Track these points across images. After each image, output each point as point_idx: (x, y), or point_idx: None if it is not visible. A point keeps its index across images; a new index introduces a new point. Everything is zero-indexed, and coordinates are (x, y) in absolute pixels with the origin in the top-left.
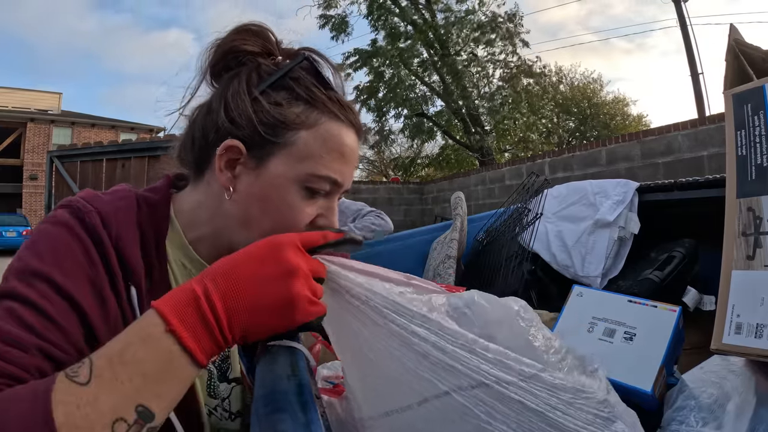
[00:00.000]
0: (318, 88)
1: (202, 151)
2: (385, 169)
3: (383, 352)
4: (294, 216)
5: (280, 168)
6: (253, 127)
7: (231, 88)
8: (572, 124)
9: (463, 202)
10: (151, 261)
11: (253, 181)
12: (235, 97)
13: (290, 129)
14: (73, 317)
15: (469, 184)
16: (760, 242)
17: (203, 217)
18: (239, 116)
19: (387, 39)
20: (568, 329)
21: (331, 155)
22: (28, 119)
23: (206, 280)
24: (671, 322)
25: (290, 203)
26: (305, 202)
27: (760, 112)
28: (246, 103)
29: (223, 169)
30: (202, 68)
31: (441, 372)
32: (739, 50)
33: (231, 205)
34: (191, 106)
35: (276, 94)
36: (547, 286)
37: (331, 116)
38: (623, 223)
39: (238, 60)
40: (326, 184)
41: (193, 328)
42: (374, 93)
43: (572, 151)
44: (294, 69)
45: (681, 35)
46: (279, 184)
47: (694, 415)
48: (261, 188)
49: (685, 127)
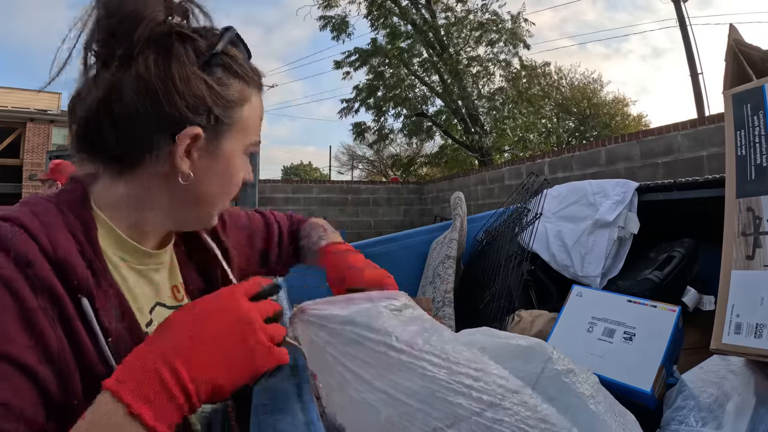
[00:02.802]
0: (246, 62)
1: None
2: (385, 169)
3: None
4: (239, 179)
5: (232, 145)
6: (208, 110)
7: (175, 66)
8: (572, 124)
9: (463, 202)
10: (92, 264)
11: (211, 162)
12: (186, 80)
13: (235, 107)
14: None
15: (469, 184)
16: (760, 242)
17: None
18: (194, 99)
19: (387, 39)
20: (567, 329)
21: (259, 123)
22: (28, 119)
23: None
24: (671, 322)
25: (237, 170)
26: (244, 164)
27: (760, 112)
28: (198, 83)
29: (182, 158)
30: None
31: None
32: (739, 50)
33: (183, 187)
34: None
35: (215, 72)
36: (547, 286)
37: (256, 87)
38: (623, 223)
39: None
40: (258, 146)
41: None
42: (374, 92)
43: (572, 151)
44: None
45: (680, 35)
46: (231, 159)
47: (693, 414)
48: (218, 167)
49: (684, 127)
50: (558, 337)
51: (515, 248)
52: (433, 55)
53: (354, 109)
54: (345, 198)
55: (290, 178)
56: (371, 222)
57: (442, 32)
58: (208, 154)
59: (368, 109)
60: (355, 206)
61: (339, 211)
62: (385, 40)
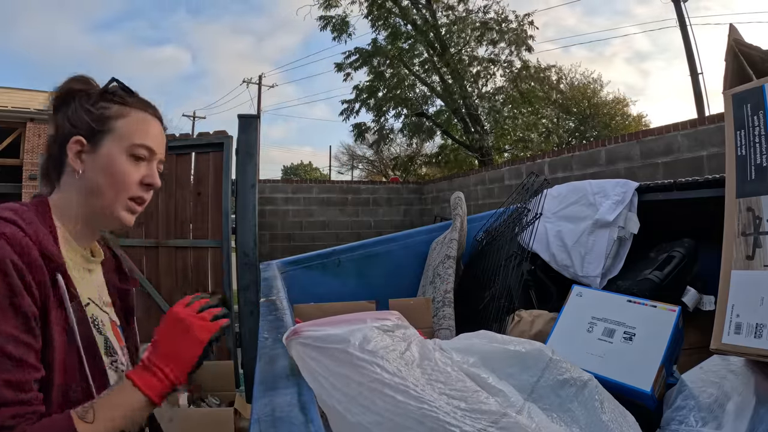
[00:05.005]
0: (127, 95)
1: (59, 159)
2: (385, 169)
3: None
4: (126, 178)
5: (110, 147)
6: (88, 125)
7: (70, 109)
8: (572, 124)
9: (463, 202)
10: (61, 257)
11: (94, 160)
12: (74, 111)
13: (112, 120)
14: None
15: (469, 184)
16: (760, 242)
17: (69, 205)
18: (78, 122)
19: (387, 39)
20: (567, 329)
21: (143, 132)
22: (28, 119)
23: (156, 360)
24: (671, 322)
25: (122, 169)
26: (132, 166)
27: (760, 112)
28: (81, 112)
29: (73, 159)
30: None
31: None
32: (739, 50)
33: (82, 183)
34: None
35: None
36: (547, 286)
37: (138, 109)
38: (623, 223)
39: (71, 95)
40: (144, 150)
41: (157, 392)
42: (374, 93)
43: (572, 151)
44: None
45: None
46: (112, 158)
47: (693, 414)
48: (100, 163)
49: (684, 127)
50: (558, 337)
51: (515, 248)
52: (433, 55)
53: (355, 110)
54: (345, 198)
55: (290, 178)
56: (371, 222)
57: (443, 31)
58: (92, 154)
59: (369, 109)
60: (355, 206)
61: (339, 211)
62: (386, 41)
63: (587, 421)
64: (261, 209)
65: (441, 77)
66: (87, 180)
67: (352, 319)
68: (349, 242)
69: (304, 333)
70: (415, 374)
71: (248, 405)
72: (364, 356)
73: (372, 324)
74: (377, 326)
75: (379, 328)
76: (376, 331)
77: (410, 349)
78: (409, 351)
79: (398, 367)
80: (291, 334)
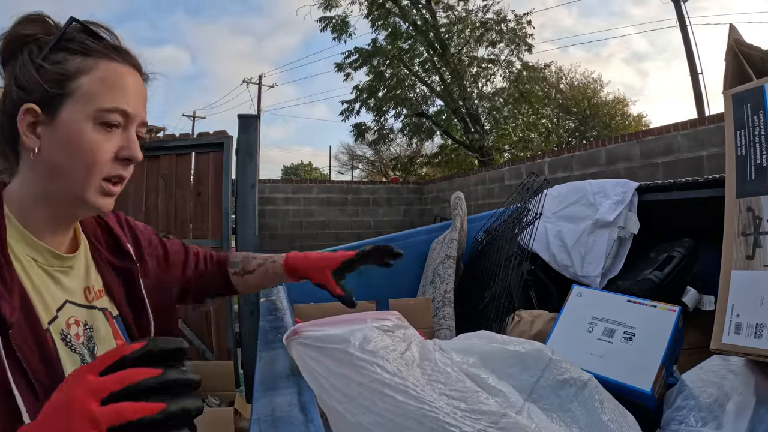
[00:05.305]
0: (90, 40)
1: (12, 132)
2: (385, 169)
3: None
4: (95, 152)
5: (72, 114)
6: (41, 87)
7: (17, 65)
8: (572, 124)
9: (463, 202)
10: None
11: (52, 132)
12: (22, 69)
13: (71, 79)
14: None
15: (469, 184)
16: (760, 242)
17: (29, 194)
18: (28, 83)
19: (387, 39)
20: (567, 329)
21: (114, 90)
22: None
23: None
24: (671, 322)
25: (89, 140)
26: (103, 136)
27: (760, 112)
28: (31, 70)
29: (27, 134)
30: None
31: None
32: (739, 50)
33: (41, 163)
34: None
35: (55, 55)
36: (547, 286)
37: (106, 59)
38: (623, 223)
39: (20, 45)
40: (117, 115)
41: None
42: (374, 93)
43: (572, 151)
44: (67, 32)
45: (681, 36)
46: (74, 128)
47: (693, 414)
48: (60, 136)
49: (684, 127)
50: (558, 337)
51: (515, 248)
52: (433, 55)
53: (355, 110)
54: (345, 198)
55: (290, 178)
56: (371, 222)
57: (443, 31)
58: (49, 125)
59: (369, 109)
60: (355, 206)
61: (339, 211)
62: (386, 41)
63: (587, 421)
64: (261, 209)
65: (441, 77)
66: (45, 159)
67: (352, 320)
68: (349, 242)
69: (304, 333)
70: (415, 374)
71: (248, 405)
72: (364, 356)
73: (372, 324)
74: (377, 326)
75: (379, 329)
76: (376, 332)
77: (410, 349)
78: (409, 351)
79: (398, 368)
80: (291, 334)
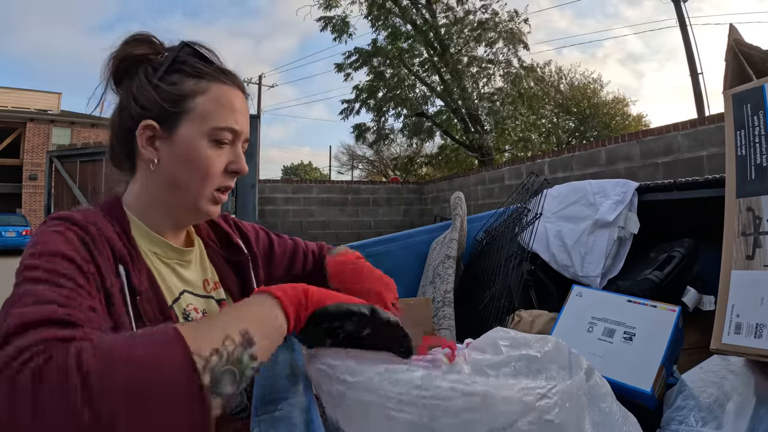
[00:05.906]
0: (202, 64)
1: (128, 144)
2: (385, 169)
3: None
4: (209, 166)
5: (189, 130)
6: (159, 106)
7: (134, 85)
8: (572, 124)
9: (463, 202)
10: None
11: (171, 147)
12: (140, 89)
13: (188, 99)
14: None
15: (469, 184)
16: (760, 242)
17: (148, 200)
18: (146, 102)
19: (387, 39)
20: (567, 329)
21: (225, 110)
22: (28, 119)
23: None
24: (671, 322)
25: (203, 156)
26: (215, 152)
27: (760, 112)
28: (149, 89)
29: (145, 147)
30: (105, 79)
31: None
32: (739, 50)
33: (159, 174)
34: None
35: (170, 77)
36: (547, 286)
37: (217, 82)
38: (623, 223)
39: (133, 64)
40: (228, 133)
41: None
42: (374, 93)
43: (572, 151)
44: (180, 56)
45: (681, 36)
46: (191, 143)
47: (693, 414)
48: (178, 151)
49: (684, 127)
50: (558, 337)
51: (515, 248)
52: (433, 55)
53: (355, 110)
54: (345, 198)
55: (290, 178)
56: (371, 222)
57: (443, 31)
58: (167, 140)
59: (368, 109)
60: (355, 206)
61: (339, 211)
62: (386, 41)
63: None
64: (261, 209)
65: (441, 77)
66: (164, 171)
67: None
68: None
69: (321, 358)
70: None
71: None
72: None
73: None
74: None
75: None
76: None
77: None
78: None
79: None
80: (308, 356)
